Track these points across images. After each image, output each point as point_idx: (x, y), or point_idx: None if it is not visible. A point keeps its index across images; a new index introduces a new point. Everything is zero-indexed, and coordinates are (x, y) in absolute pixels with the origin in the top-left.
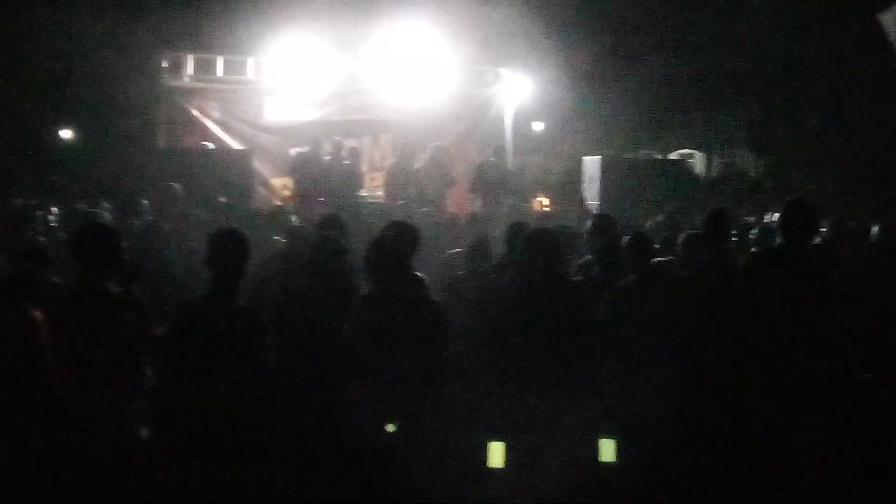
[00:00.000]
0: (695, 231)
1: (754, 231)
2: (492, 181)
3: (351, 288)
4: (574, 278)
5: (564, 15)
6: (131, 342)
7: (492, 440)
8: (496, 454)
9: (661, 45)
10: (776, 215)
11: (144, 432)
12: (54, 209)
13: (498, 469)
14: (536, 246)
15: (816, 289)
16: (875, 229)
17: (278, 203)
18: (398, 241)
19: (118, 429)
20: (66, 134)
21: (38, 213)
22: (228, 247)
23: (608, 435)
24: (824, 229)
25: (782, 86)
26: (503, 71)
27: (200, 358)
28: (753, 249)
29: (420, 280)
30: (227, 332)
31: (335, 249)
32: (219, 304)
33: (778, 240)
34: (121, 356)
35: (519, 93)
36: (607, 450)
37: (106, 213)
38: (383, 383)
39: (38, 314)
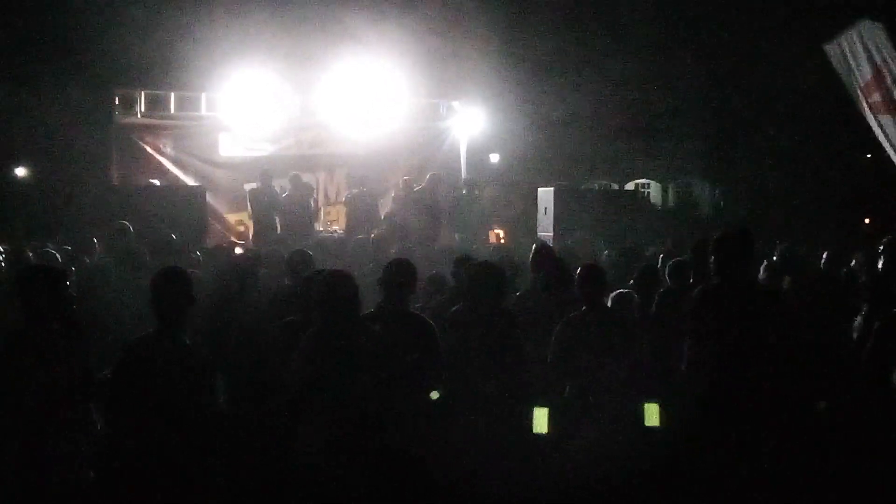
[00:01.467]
0: (681, 258)
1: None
2: (466, 214)
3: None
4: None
5: (518, 48)
6: (74, 383)
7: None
8: (541, 420)
9: (617, 77)
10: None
11: (91, 475)
12: (1, 248)
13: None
14: (479, 279)
15: (764, 327)
16: (824, 256)
17: (232, 239)
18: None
19: (64, 470)
20: (19, 172)
21: None
22: (169, 286)
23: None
24: (775, 258)
25: (736, 116)
26: (456, 104)
27: (145, 399)
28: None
29: (419, 323)
30: (173, 372)
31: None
32: (164, 344)
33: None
34: (64, 397)
35: (473, 125)
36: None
37: (54, 253)
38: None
39: None
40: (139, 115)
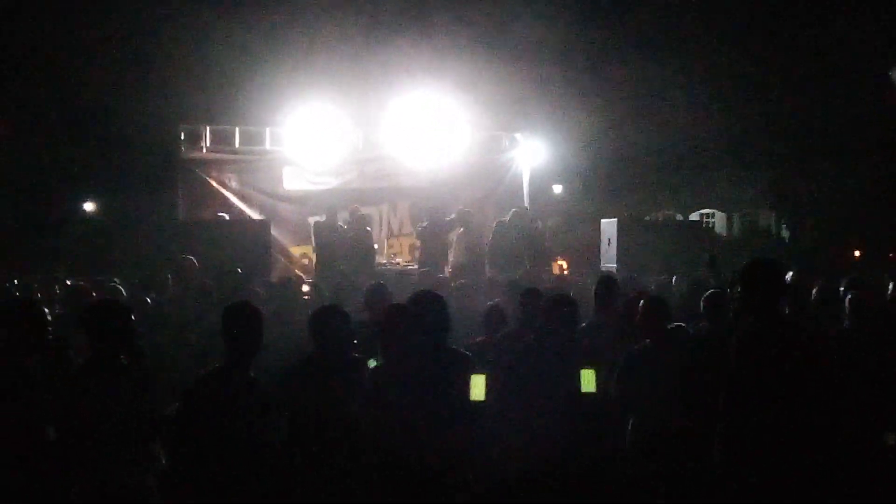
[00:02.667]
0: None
1: None
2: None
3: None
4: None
5: (580, 80)
6: (141, 417)
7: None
8: (478, 386)
9: (680, 108)
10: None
11: None
12: (69, 282)
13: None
14: (556, 312)
15: (809, 375)
16: (890, 287)
17: (297, 272)
18: (426, 313)
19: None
20: (87, 207)
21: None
22: (241, 321)
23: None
24: (842, 288)
25: (801, 144)
26: (519, 136)
27: (211, 434)
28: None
29: (460, 358)
30: (238, 408)
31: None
32: (231, 379)
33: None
34: (130, 430)
35: (536, 156)
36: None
37: (120, 288)
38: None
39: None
40: (204, 150)
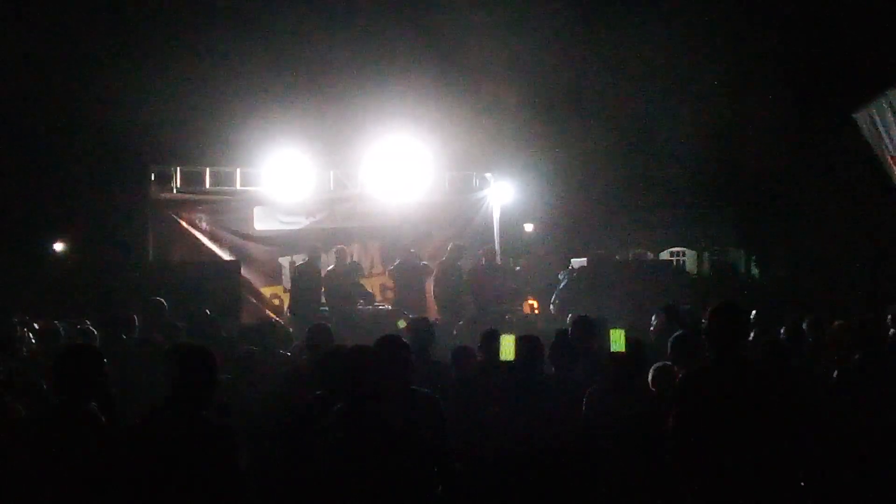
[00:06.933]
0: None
1: None
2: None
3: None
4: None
5: (550, 120)
6: (108, 468)
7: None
8: (507, 346)
9: (650, 146)
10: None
11: None
12: (36, 325)
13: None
14: (524, 351)
15: (763, 407)
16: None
17: (268, 313)
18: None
19: None
20: (56, 247)
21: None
22: (189, 367)
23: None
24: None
25: (770, 182)
26: (489, 175)
27: (160, 480)
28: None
29: (428, 400)
30: (187, 450)
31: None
32: (169, 420)
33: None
34: (97, 482)
35: (506, 196)
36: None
37: (93, 331)
38: None
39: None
40: (175, 191)
